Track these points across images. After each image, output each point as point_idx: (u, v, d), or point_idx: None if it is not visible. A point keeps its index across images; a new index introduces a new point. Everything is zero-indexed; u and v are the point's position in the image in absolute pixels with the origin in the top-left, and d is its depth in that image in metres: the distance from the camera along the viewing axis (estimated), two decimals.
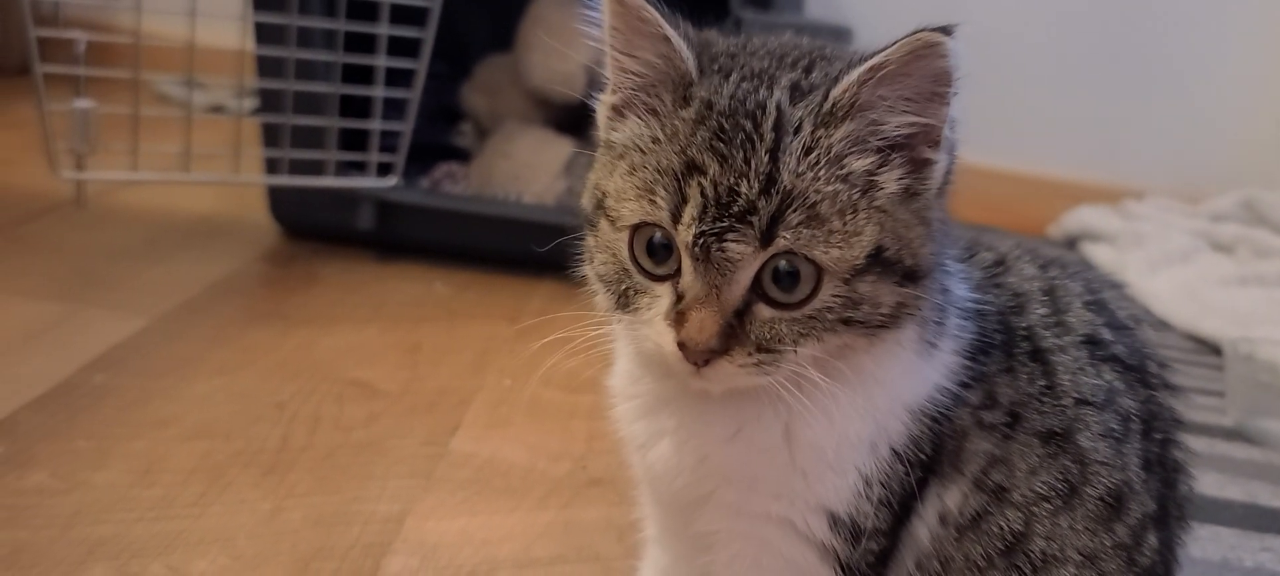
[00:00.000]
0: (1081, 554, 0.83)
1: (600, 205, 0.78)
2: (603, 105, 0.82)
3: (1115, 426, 0.85)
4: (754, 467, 0.80)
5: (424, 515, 1.30)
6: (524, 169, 2.31)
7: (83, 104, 1.88)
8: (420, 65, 2.02)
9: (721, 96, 0.74)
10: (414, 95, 2.04)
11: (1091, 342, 0.88)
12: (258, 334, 1.77)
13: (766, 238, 0.71)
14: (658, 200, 0.73)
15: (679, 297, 0.74)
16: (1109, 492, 0.83)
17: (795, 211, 0.71)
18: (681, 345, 0.73)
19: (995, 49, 2.77)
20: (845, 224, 0.72)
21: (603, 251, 0.79)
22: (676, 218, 0.72)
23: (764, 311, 0.73)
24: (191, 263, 2.03)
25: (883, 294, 0.74)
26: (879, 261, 0.73)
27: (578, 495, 1.39)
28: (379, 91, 2.03)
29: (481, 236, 2.18)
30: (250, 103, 2.28)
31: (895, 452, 0.80)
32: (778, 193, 0.71)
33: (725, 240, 0.71)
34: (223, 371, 1.61)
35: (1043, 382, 0.84)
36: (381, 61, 2.01)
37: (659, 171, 0.74)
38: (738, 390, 0.77)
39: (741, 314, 0.73)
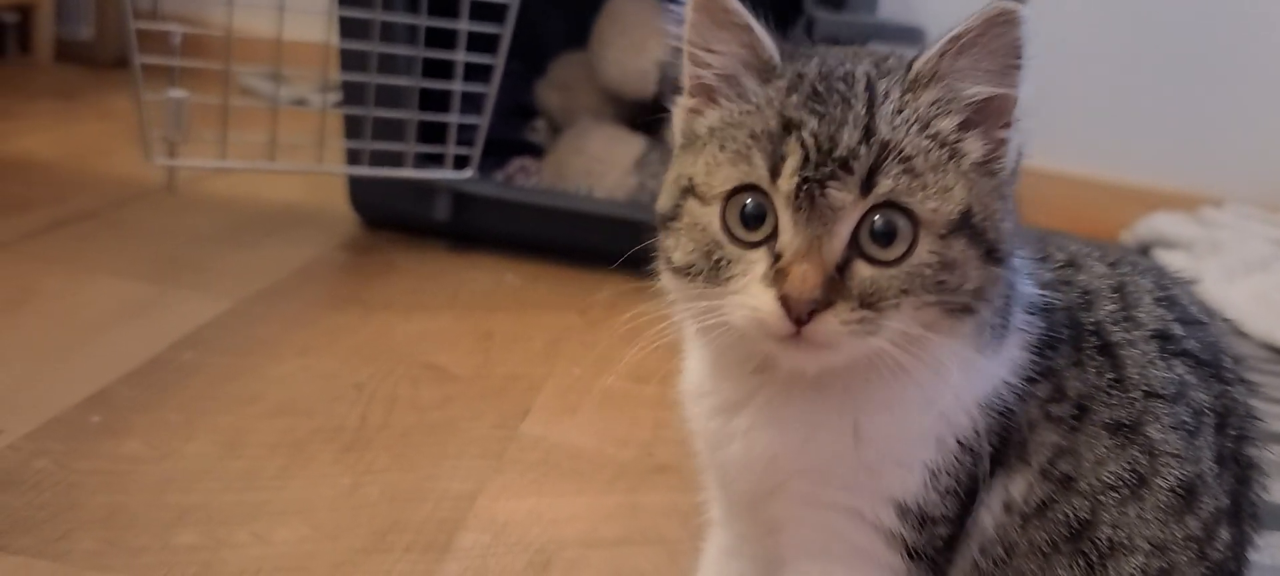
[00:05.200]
0: (1151, 543, 0.83)
1: (687, 190, 0.79)
2: (679, 108, 0.84)
3: (1187, 419, 0.85)
4: (824, 463, 0.82)
5: (495, 494, 1.34)
6: (596, 164, 2.34)
7: (176, 94, 1.96)
8: (498, 61, 2.06)
9: (810, 68, 0.78)
10: (491, 90, 2.08)
11: (1162, 337, 0.88)
12: (338, 318, 1.83)
13: (867, 186, 0.72)
14: (754, 161, 0.75)
15: (776, 258, 0.74)
16: (1180, 484, 0.83)
17: (893, 161, 0.73)
18: (784, 300, 0.72)
19: (1069, 50, 2.74)
20: (938, 179, 0.74)
21: (687, 233, 0.79)
22: (775, 173, 0.74)
23: (864, 269, 0.74)
24: (275, 248, 2.11)
25: (970, 266, 0.75)
26: (969, 226, 0.74)
27: (643, 480, 1.42)
28: (458, 86, 2.08)
29: (553, 229, 2.21)
30: (332, 97, 2.35)
31: (961, 444, 0.81)
32: (876, 143, 0.73)
33: (828, 187, 0.72)
34: (304, 352, 1.67)
35: (1111, 376, 0.85)
36: (461, 57, 2.06)
37: (753, 137, 0.76)
38: (826, 374, 0.78)
39: (841, 270, 0.73)
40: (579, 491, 1.37)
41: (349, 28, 2.06)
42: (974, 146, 0.76)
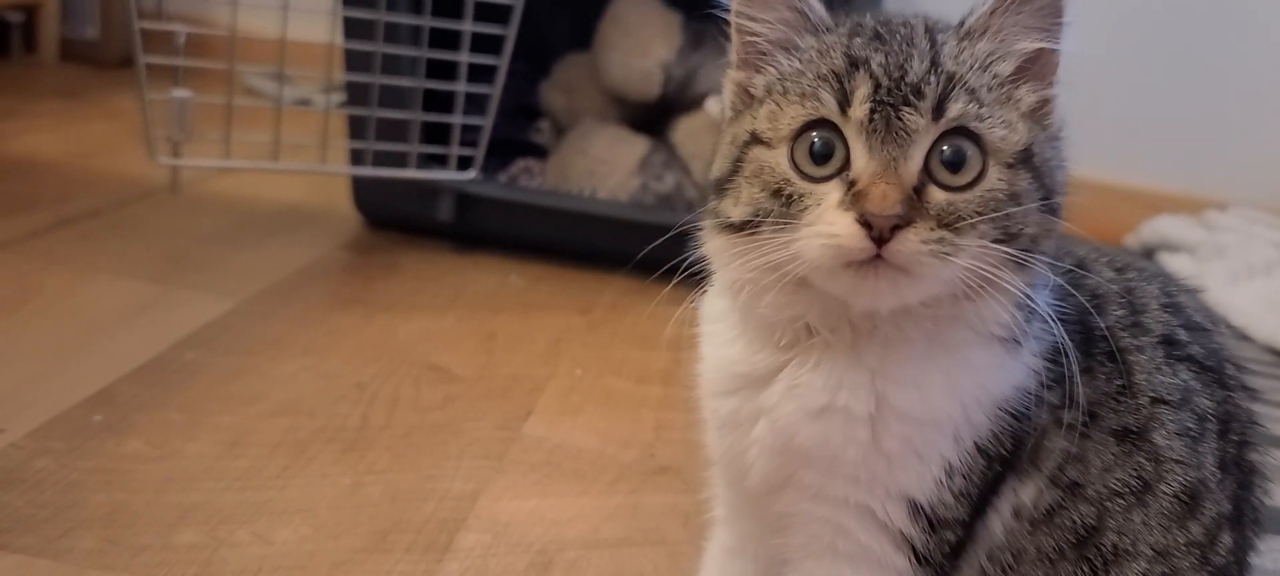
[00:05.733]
0: (1154, 549, 0.84)
1: (747, 144, 0.80)
2: (729, 79, 0.85)
3: (1191, 425, 0.85)
4: (836, 447, 0.81)
5: (496, 494, 1.34)
6: (599, 165, 2.34)
7: (180, 94, 1.96)
8: (502, 62, 2.06)
9: (867, 19, 0.81)
10: (495, 91, 2.08)
11: (1168, 343, 0.88)
12: (340, 318, 1.83)
13: (938, 111, 0.74)
14: (822, 97, 0.76)
15: (851, 185, 0.74)
16: (1183, 490, 0.84)
17: (960, 90, 0.75)
18: (864, 220, 0.72)
19: (1073, 53, 2.74)
20: (1002, 111, 0.77)
21: (750, 182, 0.79)
22: (845, 106, 0.75)
23: (938, 193, 0.75)
24: (279, 248, 2.11)
25: (1031, 203, 0.76)
26: (1031, 164, 0.77)
27: (645, 481, 1.42)
28: (461, 87, 2.08)
29: (556, 230, 2.21)
30: (336, 97, 2.35)
31: (978, 446, 0.81)
32: (943, 73, 0.75)
33: (902, 110, 0.74)
34: (307, 353, 1.67)
35: (1120, 383, 0.85)
36: (465, 57, 2.06)
37: (819, 77, 0.77)
38: (906, 311, 0.77)
39: (918, 192, 0.74)
40: (581, 492, 1.37)
41: (353, 28, 2.06)
42: (1026, 94, 0.79)
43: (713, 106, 2.33)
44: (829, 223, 0.74)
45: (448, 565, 1.18)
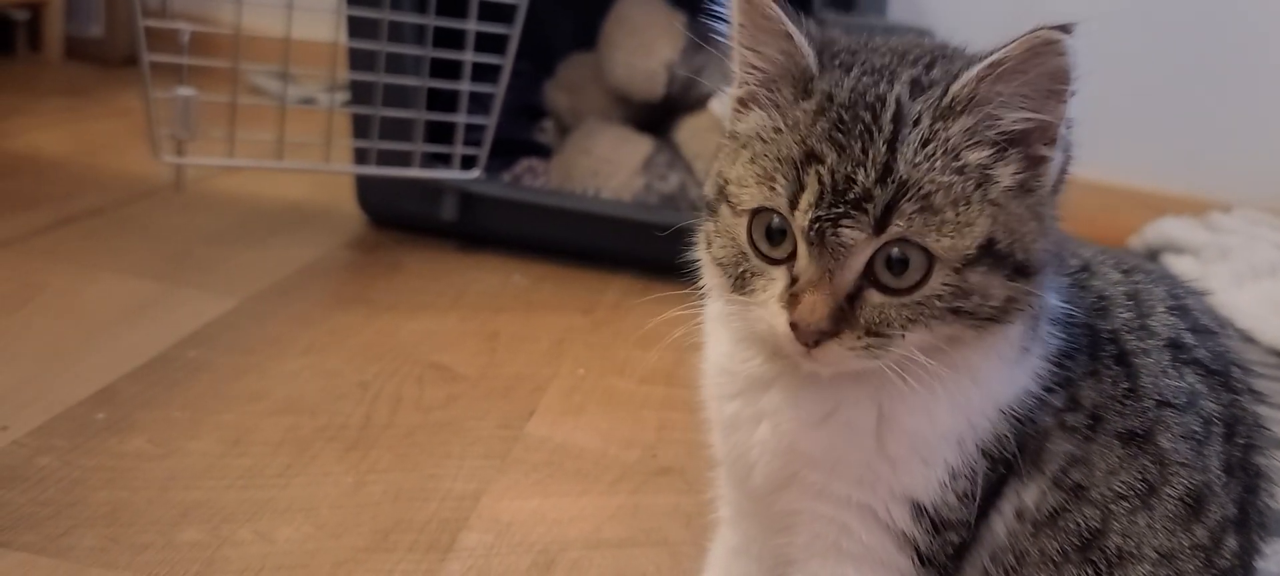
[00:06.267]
0: (1158, 552, 0.83)
1: (722, 192, 0.80)
2: (729, 98, 0.84)
3: (1197, 428, 0.85)
4: (840, 451, 0.81)
5: (499, 494, 1.34)
6: (603, 165, 2.34)
7: (185, 92, 1.96)
8: (506, 61, 2.06)
9: (842, 89, 0.76)
10: (499, 91, 2.08)
11: (1174, 346, 0.88)
12: (343, 317, 1.83)
13: (880, 225, 0.72)
14: (777, 187, 0.75)
15: (793, 280, 0.76)
16: (1188, 493, 0.84)
17: (910, 200, 0.72)
18: (794, 326, 0.75)
19: (1076, 55, 2.73)
20: (958, 215, 0.73)
21: (721, 236, 0.81)
22: (794, 204, 0.74)
23: (875, 297, 0.75)
24: (282, 247, 2.11)
25: (993, 286, 0.75)
26: (990, 254, 0.74)
27: (647, 482, 1.41)
28: (465, 86, 2.08)
29: (560, 230, 2.21)
30: (340, 96, 2.36)
31: (981, 449, 0.81)
32: (894, 182, 0.72)
33: (840, 226, 0.72)
34: (310, 351, 1.67)
35: (1126, 386, 0.85)
36: (469, 57, 2.06)
37: (779, 160, 0.76)
38: (846, 373, 0.78)
39: (853, 298, 0.75)
40: (583, 492, 1.37)
41: (357, 27, 2.06)
42: (1007, 172, 0.75)
43: (717, 106, 2.32)
44: (770, 312, 0.77)
45: (450, 564, 1.18)
